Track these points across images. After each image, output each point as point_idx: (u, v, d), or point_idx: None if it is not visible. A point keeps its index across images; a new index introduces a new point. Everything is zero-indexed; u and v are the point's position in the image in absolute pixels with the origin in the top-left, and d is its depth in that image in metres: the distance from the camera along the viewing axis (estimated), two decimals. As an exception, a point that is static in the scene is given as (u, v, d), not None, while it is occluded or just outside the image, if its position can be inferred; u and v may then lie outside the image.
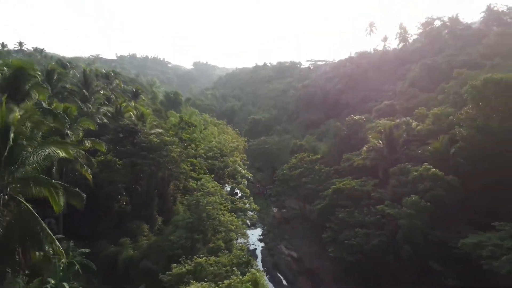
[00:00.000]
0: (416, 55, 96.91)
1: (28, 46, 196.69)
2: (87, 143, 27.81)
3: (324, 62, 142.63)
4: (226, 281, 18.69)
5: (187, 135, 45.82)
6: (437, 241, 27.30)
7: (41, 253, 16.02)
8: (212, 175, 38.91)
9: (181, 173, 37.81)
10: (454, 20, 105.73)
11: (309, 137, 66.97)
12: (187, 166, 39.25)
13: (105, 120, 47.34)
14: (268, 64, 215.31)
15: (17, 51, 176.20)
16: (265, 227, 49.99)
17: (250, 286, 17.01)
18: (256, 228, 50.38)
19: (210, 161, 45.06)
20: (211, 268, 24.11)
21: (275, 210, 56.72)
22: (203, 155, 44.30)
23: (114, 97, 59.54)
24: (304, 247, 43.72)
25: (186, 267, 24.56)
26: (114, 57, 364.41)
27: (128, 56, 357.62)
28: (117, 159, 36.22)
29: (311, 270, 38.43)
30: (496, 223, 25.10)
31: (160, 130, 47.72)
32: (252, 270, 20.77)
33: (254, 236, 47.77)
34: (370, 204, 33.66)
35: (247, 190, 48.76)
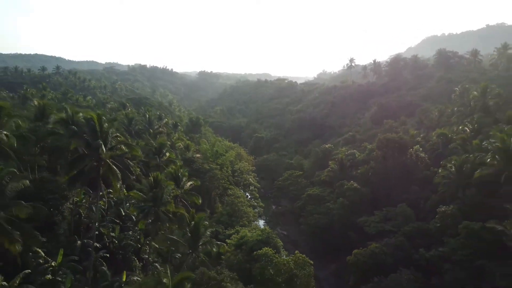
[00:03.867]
0: (382, 89, 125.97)
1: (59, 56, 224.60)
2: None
3: (315, 86, 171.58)
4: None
5: (220, 161, 74.53)
6: (352, 221, 55.78)
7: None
8: (239, 187, 67.37)
9: (220, 185, 66.35)
10: (415, 59, 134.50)
11: (297, 157, 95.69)
12: (222, 180, 67.90)
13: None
14: (269, 80, 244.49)
15: (55, 74, 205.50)
16: (267, 218, 78.51)
17: (265, 228, 45.36)
18: (261, 218, 78.85)
19: (236, 178, 74.04)
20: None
21: (274, 207, 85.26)
22: (231, 174, 73.12)
23: (165, 130, 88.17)
24: (290, 229, 72.40)
25: (231, 231, 53.09)
26: (122, 62, 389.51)
27: (139, 67, 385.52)
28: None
29: (294, 240, 67.15)
30: (376, 211, 53.65)
31: (199, 155, 76.37)
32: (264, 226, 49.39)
33: (260, 223, 76.26)
34: (325, 203, 62.18)
35: (257, 195, 77.71)
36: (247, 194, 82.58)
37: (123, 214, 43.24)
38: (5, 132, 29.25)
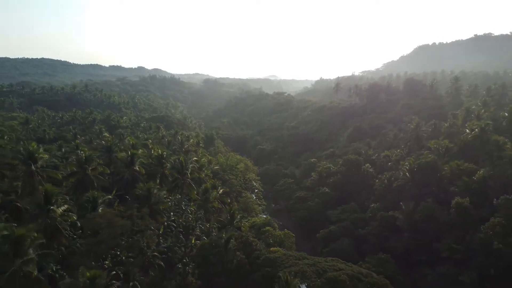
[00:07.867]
0: (361, 111, 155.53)
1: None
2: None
3: (309, 103, 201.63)
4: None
5: (234, 173, 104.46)
6: (324, 214, 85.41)
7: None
8: (249, 191, 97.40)
9: (235, 190, 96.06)
10: (388, 85, 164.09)
11: (291, 167, 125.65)
12: (237, 186, 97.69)
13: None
14: (269, 94, 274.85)
15: (84, 91, 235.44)
16: (268, 213, 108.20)
17: (267, 217, 74.90)
18: (264, 214, 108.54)
19: (246, 184, 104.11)
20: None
21: (273, 205, 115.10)
22: (243, 182, 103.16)
23: (193, 149, 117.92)
24: (285, 220, 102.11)
25: (245, 220, 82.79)
26: (124, 65, 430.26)
27: (149, 78, 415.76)
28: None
29: (287, 228, 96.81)
30: (338, 207, 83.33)
31: (217, 167, 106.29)
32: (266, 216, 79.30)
33: (263, 216, 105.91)
34: (307, 202, 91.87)
35: (261, 196, 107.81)
36: (254, 195, 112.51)
37: (183, 208, 73.17)
38: (138, 166, 59.24)
